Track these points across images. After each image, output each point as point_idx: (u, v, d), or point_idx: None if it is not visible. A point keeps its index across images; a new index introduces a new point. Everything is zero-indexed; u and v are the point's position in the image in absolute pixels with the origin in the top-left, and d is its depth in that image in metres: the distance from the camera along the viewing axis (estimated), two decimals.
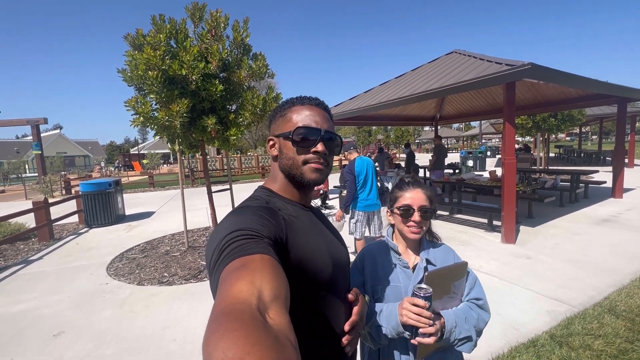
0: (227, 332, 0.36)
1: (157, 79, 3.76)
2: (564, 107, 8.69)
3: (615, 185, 7.42)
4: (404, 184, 1.16)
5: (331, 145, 0.80)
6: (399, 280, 1.09)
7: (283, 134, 0.79)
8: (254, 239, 0.58)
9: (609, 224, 5.47)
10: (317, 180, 0.78)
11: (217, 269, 0.54)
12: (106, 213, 7.16)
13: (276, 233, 0.65)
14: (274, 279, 0.49)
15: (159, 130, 4.18)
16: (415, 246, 1.16)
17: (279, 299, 0.47)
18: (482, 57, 5.71)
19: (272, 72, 4.85)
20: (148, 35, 4.02)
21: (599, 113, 14.32)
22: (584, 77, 5.28)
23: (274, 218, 0.68)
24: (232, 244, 0.57)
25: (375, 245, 1.22)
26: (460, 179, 6.83)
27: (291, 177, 0.79)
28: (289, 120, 0.79)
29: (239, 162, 21.99)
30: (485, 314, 1.07)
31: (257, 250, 0.55)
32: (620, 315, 2.71)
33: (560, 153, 21.77)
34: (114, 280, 4.09)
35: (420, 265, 1.10)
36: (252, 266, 0.50)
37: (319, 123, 0.78)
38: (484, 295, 1.09)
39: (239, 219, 0.65)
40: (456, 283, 1.06)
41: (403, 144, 12.76)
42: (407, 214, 1.09)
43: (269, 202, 0.77)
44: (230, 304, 0.42)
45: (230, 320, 0.38)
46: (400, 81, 8.05)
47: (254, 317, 0.40)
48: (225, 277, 0.50)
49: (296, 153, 0.77)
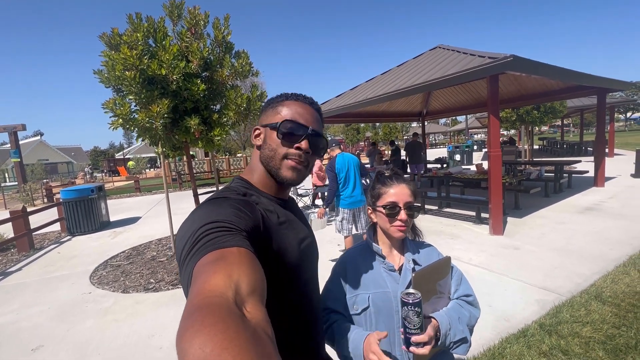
0: (203, 327, 0.35)
1: (135, 79, 3.63)
2: (546, 99, 8.86)
3: (597, 175, 7.61)
4: (387, 179, 1.09)
5: (316, 145, 0.79)
6: (387, 285, 1.02)
7: (270, 124, 0.78)
8: (230, 231, 0.56)
9: (592, 212, 5.59)
10: (291, 179, 0.77)
11: (189, 261, 0.52)
12: (89, 220, 6.95)
13: (253, 227, 0.63)
14: (252, 272, 0.48)
15: (139, 132, 4.06)
16: (400, 245, 1.10)
17: (256, 293, 0.46)
18: (465, 51, 5.76)
19: (256, 71, 4.76)
20: (124, 34, 3.88)
21: (580, 105, 14.70)
22: (564, 69, 5.37)
23: (252, 212, 0.67)
24: (207, 235, 0.54)
25: (356, 250, 1.15)
26: (448, 173, 6.88)
27: (269, 169, 0.78)
28: (278, 112, 0.78)
29: (228, 164, 21.73)
30: (476, 310, 1.03)
31: (234, 243, 0.53)
32: (606, 301, 2.75)
33: (543, 145, 22.26)
34: (97, 289, 3.95)
35: (407, 267, 1.04)
36: (229, 259, 0.49)
37: (308, 121, 0.78)
38: (472, 291, 1.05)
39: (215, 209, 0.63)
40: (441, 282, 1.01)
41: (389, 142, 12.81)
42: (393, 213, 1.02)
43: (246, 195, 0.75)
44: (207, 297, 0.40)
45: (206, 314, 0.37)
46: (386, 77, 8.06)
47: (231, 311, 0.38)
48: (200, 270, 0.48)
49: (280, 145, 0.76)
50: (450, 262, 1.04)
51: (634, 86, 9.63)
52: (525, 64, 4.40)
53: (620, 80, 7.47)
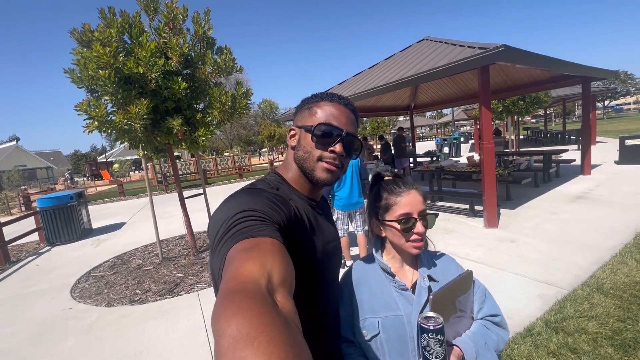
0: (240, 309, 0.36)
1: (110, 78, 3.38)
2: (533, 89, 8.92)
3: (584, 163, 7.71)
4: (394, 186, 0.93)
5: (350, 147, 0.79)
6: (399, 307, 0.88)
7: (305, 126, 0.78)
8: (264, 221, 0.58)
9: (582, 200, 5.63)
10: (326, 180, 0.78)
11: (224, 244, 0.54)
12: (69, 228, 6.60)
13: (285, 221, 0.65)
14: (283, 264, 0.49)
15: (117, 134, 3.80)
16: (412, 259, 0.96)
17: (286, 284, 0.47)
18: (454, 43, 5.67)
19: (240, 67, 4.54)
20: (96, 30, 3.61)
21: (562, 94, 14.95)
22: (553, 58, 5.35)
23: (285, 206, 0.69)
24: (242, 222, 0.56)
25: (362, 265, 1.01)
26: (439, 166, 6.84)
27: (303, 170, 0.80)
28: (313, 114, 0.79)
29: (215, 164, 21.30)
30: (504, 332, 0.89)
31: (268, 234, 0.55)
32: (608, 293, 2.71)
33: (528, 135, 22.69)
34: (79, 304, 3.70)
35: (421, 285, 0.90)
36: (264, 248, 0.50)
37: (342, 123, 0.78)
38: (499, 309, 0.92)
39: (251, 199, 0.65)
40: (461, 298, 0.87)
41: (378, 136, 12.75)
42: (409, 227, 0.88)
43: (280, 189, 0.77)
44: (241, 282, 0.42)
45: (242, 298, 0.38)
46: (374, 71, 7.93)
47: (265, 298, 0.40)
48: (235, 256, 0.49)
49: (314, 148, 0.77)
50: (472, 277, 0.91)
51: (617, 74, 9.83)
52: (516, 53, 4.34)
53: (604, 69, 7.56)
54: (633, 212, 4.71)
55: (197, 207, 6.60)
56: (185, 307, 3.33)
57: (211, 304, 3.34)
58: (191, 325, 2.96)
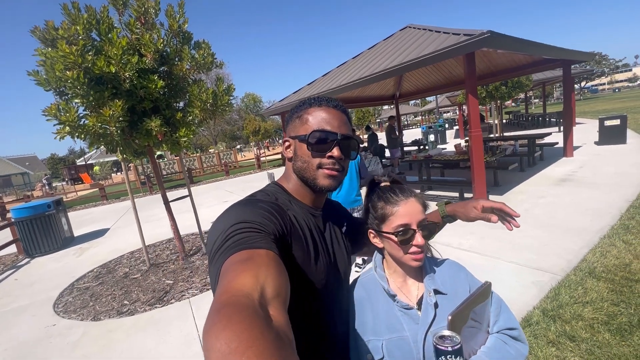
0: (230, 323, 0.36)
1: (78, 79, 3.15)
2: (515, 74, 8.99)
3: (566, 145, 7.87)
4: (390, 194, 0.85)
5: (347, 149, 0.78)
6: (403, 327, 0.81)
7: (298, 136, 0.77)
8: (260, 233, 0.58)
9: (567, 183, 5.74)
10: (329, 186, 0.77)
11: (220, 257, 0.54)
12: (49, 238, 6.30)
13: (281, 232, 0.65)
14: (278, 277, 0.49)
15: (92, 139, 3.58)
16: (417, 271, 0.89)
17: (280, 298, 0.47)
18: (438, 30, 5.59)
19: (221, 62, 4.34)
20: (61, 28, 3.35)
21: (542, 78, 15.20)
22: (537, 42, 5.36)
23: (281, 217, 0.68)
24: (238, 234, 0.57)
25: (364, 283, 0.93)
26: (428, 155, 6.83)
27: (304, 180, 0.79)
28: (305, 122, 0.78)
29: (200, 162, 20.84)
30: (523, 347, 0.82)
31: (264, 245, 0.55)
32: (600, 277, 2.75)
33: (510, 119, 23.10)
34: (63, 320, 3.52)
35: (428, 302, 0.82)
36: (258, 260, 0.50)
37: (335, 126, 0.76)
38: (517, 322, 0.85)
39: (247, 210, 0.65)
40: (477, 309, 0.80)
41: (364, 127, 12.70)
42: (406, 239, 0.81)
43: (279, 199, 0.77)
44: (233, 295, 0.42)
45: (233, 312, 0.38)
46: (358, 61, 7.80)
47: (256, 311, 0.39)
48: (228, 268, 0.49)
49: (311, 157, 0.76)
50: (491, 289, 0.83)
51: (596, 57, 10.02)
52: (501, 39, 4.30)
53: (584, 52, 7.68)
54: (616, 192, 4.82)
55: (184, 208, 6.41)
56: (176, 317, 3.21)
57: (204, 310, 3.22)
58: (184, 336, 2.85)
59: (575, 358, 1.98)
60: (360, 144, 0.89)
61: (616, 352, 1.97)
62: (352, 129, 0.86)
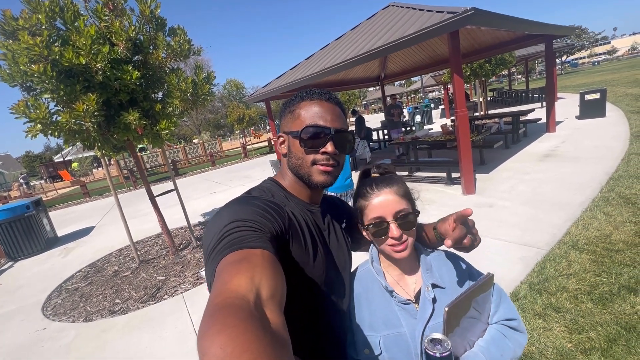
0: (225, 327, 0.35)
1: (46, 73, 2.95)
2: (498, 51, 8.99)
3: (549, 121, 8.01)
4: (365, 187, 0.85)
5: (342, 143, 0.76)
6: (401, 323, 0.80)
7: (292, 132, 0.75)
8: (256, 231, 0.57)
9: (550, 158, 5.87)
10: (324, 182, 0.76)
11: (215, 257, 0.53)
12: (31, 240, 6.10)
13: (278, 229, 0.63)
14: (273, 277, 0.48)
15: (67, 136, 3.41)
16: (413, 264, 0.88)
17: (276, 299, 0.46)
18: (421, 8, 5.47)
19: (199, 48, 4.15)
20: (20, 17, 3.10)
21: (525, 54, 15.28)
22: (521, 19, 5.34)
23: (279, 214, 0.67)
24: (233, 233, 0.55)
25: (361, 277, 0.91)
26: (415, 137, 6.84)
27: (299, 176, 0.77)
28: (297, 117, 0.75)
29: (184, 153, 20.38)
30: (522, 336, 0.82)
31: (259, 245, 0.53)
32: (583, 249, 2.85)
33: (494, 96, 23.33)
34: (53, 323, 3.45)
35: (426, 296, 0.81)
36: (253, 261, 0.49)
37: (328, 121, 0.74)
38: (516, 312, 0.85)
39: (243, 208, 0.63)
40: (479, 298, 0.79)
41: (350, 111, 12.57)
42: (380, 231, 0.80)
43: (275, 196, 0.76)
44: (228, 298, 0.41)
45: (227, 315, 0.37)
46: (341, 43, 7.61)
47: (252, 314, 0.39)
48: (223, 269, 0.48)
49: (304, 153, 0.74)
50: (493, 280, 0.82)
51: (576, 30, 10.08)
52: (485, 16, 4.25)
53: (566, 26, 7.70)
54: (596, 165, 4.97)
55: (171, 201, 6.28)
56: (171, 312, 3.18)
57: (198, 305, 3.21)
58: (180, 332, 2.84)
59: (561, 328, 2.06)
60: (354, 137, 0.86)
61: (598, 320, 2.06)
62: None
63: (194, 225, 5.90)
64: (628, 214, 3.29)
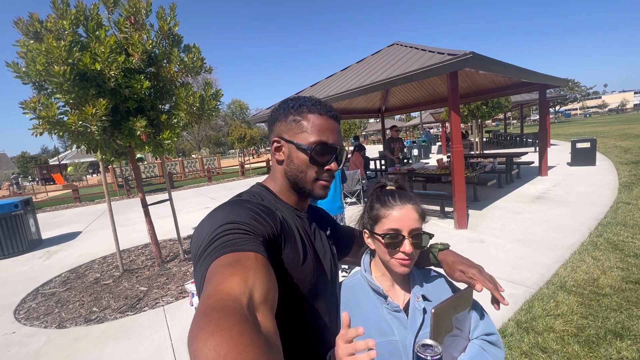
0: (219, 328, 0.34)
1: (65, 75, 3.05)
2: (494, 95, 9.41)
3: (542, 165, 8.24)
4: (388, 197, 0.86)
5: (341, 160, 0.79)
6: (393, 331, 0.82)
7: (298, 144, 0.75)
8: (249, 234, 0.57)
9: (542, 200, 5.99)
10: (323, 196, 0.79)
11: (207, 258, 0.52)
12: (14, 240, 5.95)
13: (271, 234, 0.63)
14: (266, 281, 0.48)
15: (71, 137, 3.45)
16: (404, 278, 0.90)
17: (268, 302, 0.46)
18: (423, 48, 5.81)
19: (210, 67, 4.33)
20: (47, 21, 3.26)
21: (520, 100, 15.96)
22: (515, 66, 5.66)
23: (271, 218, 0.67)
24: (224, 235, 0.55)
25: (351, 285, 0.93)
26: (411, 169, 6.98)
27: (296, 186, 0.78)
28: (304, 129, 0.75)
29: (181, 166, 20.40)
30: (500, 351, 0.85)
31: (252, 248, 0.53)
32: (570, 290, 2.86)
33: (490, 137, 24.01)
34: (24, 327, 3.30)
35: (416, 306, 0.84)
36: (247, 264, 0.49)
37: (335, 140, 0.77)
38: (494, 328, 0.88)
39: (235, 211, 0.63)
40: (459, 315, 0.83)
41: (352, 137, 12.84)
42: (394, 243, 0.81)
43: (264, 200, 0.75)
44: (221, 299, 0.40)
45: (221, 316, 0.36)
46: (346, 74, 7.95)
47: (245, 317, 0.38)
48: (215, 271, 0.48)
49: (309, 167, 0.75)
50: (472, 294, 0.86)
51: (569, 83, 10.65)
52: (483, 60, 4.51)
53: (559, 78, 8.16)
54: (586, 210, 5.07)
55: (163, 212, 6.23)
56: (149, 325, 3.07)
57: (179, 319, 3.11)
58: (156, 345, 2.73)
59: None
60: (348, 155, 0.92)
61: None
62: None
63: (184, 239, 5.82)
64: (615, 260, 3.33)
